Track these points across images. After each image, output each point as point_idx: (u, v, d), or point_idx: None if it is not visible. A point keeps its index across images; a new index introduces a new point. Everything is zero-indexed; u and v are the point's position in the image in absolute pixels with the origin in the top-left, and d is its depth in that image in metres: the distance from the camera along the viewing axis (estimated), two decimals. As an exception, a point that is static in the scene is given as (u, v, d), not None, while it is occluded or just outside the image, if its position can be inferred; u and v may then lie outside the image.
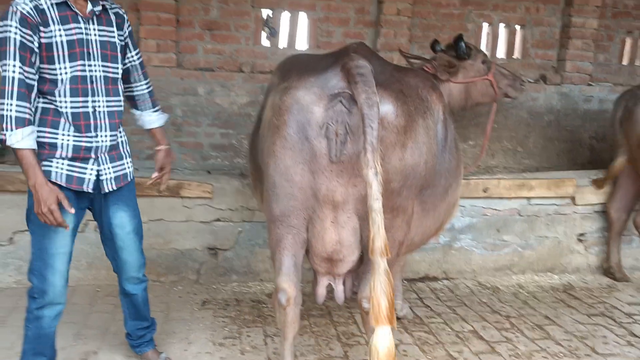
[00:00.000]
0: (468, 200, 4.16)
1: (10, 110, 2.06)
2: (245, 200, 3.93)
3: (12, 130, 2.06)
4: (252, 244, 3.99)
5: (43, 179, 2.12)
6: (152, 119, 2.66)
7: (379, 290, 2.02)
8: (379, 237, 2.04)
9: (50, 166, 2.22)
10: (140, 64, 2.57)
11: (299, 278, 2.42)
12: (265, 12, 4.75)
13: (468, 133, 4.93)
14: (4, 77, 2.06)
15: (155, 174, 2.74)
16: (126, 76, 2.53)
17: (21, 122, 2.08)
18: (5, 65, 2.06)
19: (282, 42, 4.86)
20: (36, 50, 2.12)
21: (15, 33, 2.05)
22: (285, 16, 4.79)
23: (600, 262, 4.54)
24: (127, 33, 2.45)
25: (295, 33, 4.85)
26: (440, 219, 2.92)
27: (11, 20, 2.06)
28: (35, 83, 2.15)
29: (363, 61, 2.22)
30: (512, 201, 4.29)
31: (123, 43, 2.42)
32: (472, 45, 3.60)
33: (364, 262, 2.42)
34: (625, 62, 5.34)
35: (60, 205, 2.16)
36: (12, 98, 2.06)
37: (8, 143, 2.07)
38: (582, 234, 4.49)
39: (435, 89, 2.67)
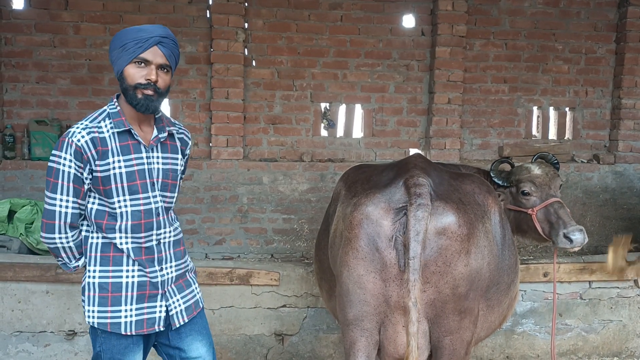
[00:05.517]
0: (529, 285, 4.19)
1: (69, 242, 2.04)
2: (309, 287, 4.12)
3: (77, 260, 2.11)
4: (317, 329, 4.14)
5: None
6: None
7: None
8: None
9: (119, 317, 2.03)
10: (180, 183, 2.32)
11: (372, 377, 2.56)
12: (323, 106, 5.13)
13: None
14: (52, 210, 1.98)
15: None
16: None
17: (80, 248, 2.09)
18: (53, 199, 1.97)
19: (339, 132, 5.19)
20: (87, 184, 1.99)
21: (70, 167, 1.94)
22: (342, 108, 5.14)
23: (670, 346, 4.42)
24: (186, 157, 2.28)
25: (352, 123, 5.19)
26: (504, 313, 3.02)
27: (65, 152, 1.94)
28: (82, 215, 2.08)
29: (422, 178, 2.44)
30: (572, 285, 4.29)
31: (183, 169, 2.23)
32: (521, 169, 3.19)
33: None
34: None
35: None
36: (65, 232, 2.01)
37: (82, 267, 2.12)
38: (648, 317, 4.41)
39: (490, 193, 2.83)
